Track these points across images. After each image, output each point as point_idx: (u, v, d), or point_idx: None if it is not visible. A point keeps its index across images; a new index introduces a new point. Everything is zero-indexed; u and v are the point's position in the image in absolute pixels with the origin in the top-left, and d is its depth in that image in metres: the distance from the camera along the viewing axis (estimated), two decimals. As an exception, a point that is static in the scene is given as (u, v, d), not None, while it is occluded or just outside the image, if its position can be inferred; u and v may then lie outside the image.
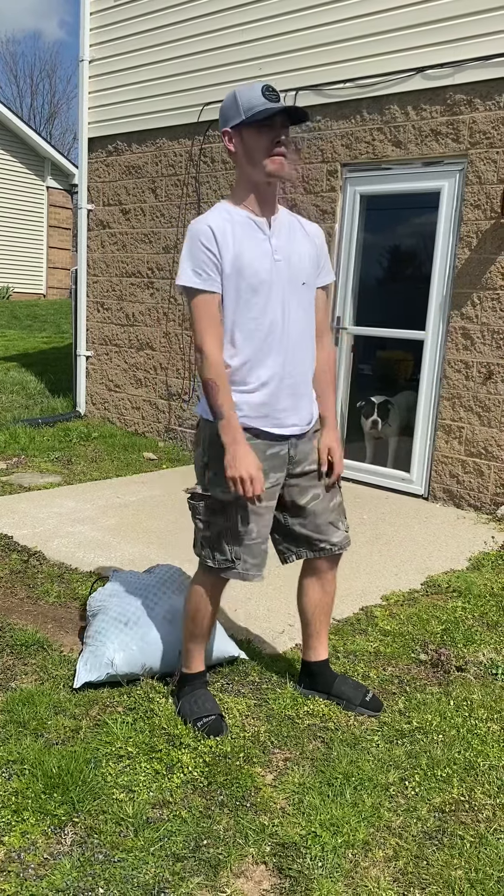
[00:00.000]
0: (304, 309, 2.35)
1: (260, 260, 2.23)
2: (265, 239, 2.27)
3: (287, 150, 2.24)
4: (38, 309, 14.60)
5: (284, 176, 2.27)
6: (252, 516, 2.30)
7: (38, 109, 35.79)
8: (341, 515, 2.50)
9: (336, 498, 2.48)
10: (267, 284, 2.24)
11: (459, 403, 4.91)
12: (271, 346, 2.27)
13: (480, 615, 3.29)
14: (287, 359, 2.31)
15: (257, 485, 2.19)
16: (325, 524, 2.44)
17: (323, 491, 2.43)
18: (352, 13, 5.12)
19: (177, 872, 1.83)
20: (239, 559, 2.32)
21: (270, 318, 2.26)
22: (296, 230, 2.36)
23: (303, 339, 2.35)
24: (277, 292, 2.26)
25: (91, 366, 7.40)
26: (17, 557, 3.73)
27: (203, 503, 2.32)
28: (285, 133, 2.22)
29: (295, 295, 2.31)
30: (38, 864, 1.84)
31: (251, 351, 2.26)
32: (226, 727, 2.39)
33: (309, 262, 2.35)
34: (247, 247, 2.22)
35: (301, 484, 2.41)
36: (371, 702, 2.54)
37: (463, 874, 1.86)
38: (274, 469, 2.33)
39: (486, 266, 4.72)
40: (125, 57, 6.62)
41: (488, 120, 4.64)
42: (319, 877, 1.83)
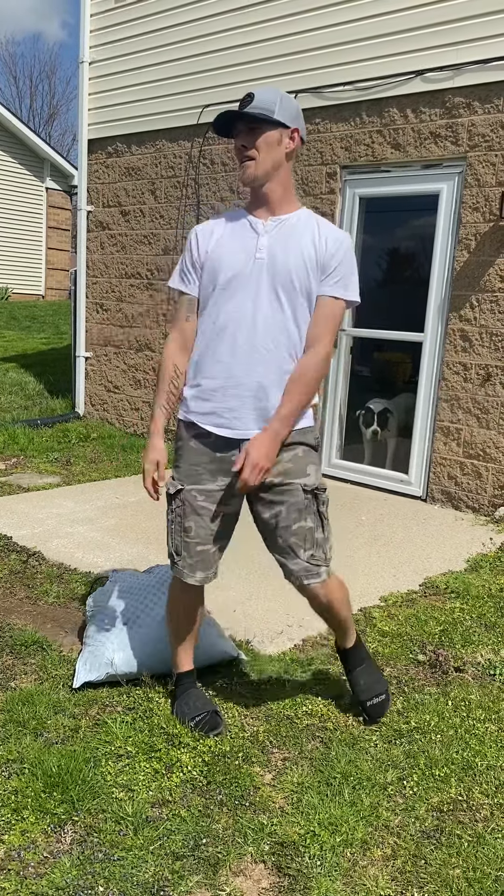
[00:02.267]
0: (280, 310, 2.20)
1: (235, 255, 2.23)
2: (254, 237, 2.24)
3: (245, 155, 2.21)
4: (36, 310, 14.61)
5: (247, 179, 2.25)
6: (193, 515, 2.30)
7: (37, 110, 35.85)
8: (307, 542, 2.26)
9: (303, 522, 2.25)
10: (237, 280, 2.21)
11: (458, 405, 4.92)
12: (227, 344, 2.22)
13: (478, 616, 3.30)
14: (246, 358, 2.21)
15: (146, 477, 2.30)
16: (285, 546, 2.28)
17: (286, 509, 2.25)
18: (351, 16, 5.13)
19: (176, 871, 1.84)
20: (179, 555, 2.34)
21: (234, 315, 2.21)
22: (302, 232, 2.24)
23: (272, 341, 2.20)
24: (250, 290, 2.21)
25: (90, 367, 7.41)
26: (17, 558, 3.74)
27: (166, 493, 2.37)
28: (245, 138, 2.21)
29: (272, 294, 2.20)
30: (37, 863, 1.85)
31: (205, 346, 2.27)
32: (223, 722, 2.41)
33: (300, 264, 2.20)
34: (228, 244, 2.25)
35: (266, 497, 2.27)
36: (373, 708, 2.46)
37: (461, 873, 1.87)
38: (223, 473, 2.27)
39: (484, 268, 4.73)
40: (125, 59, 6.64)
41: (487, 123, 4.66)
42: (318, 875, 1.84)
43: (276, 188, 2.26)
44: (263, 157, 2.21)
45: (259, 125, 2.20)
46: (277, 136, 2.22)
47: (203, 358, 2.27)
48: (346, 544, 4.17)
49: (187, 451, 2.32)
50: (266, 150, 2.21)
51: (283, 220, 2.27)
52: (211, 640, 2.72)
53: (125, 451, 6.31)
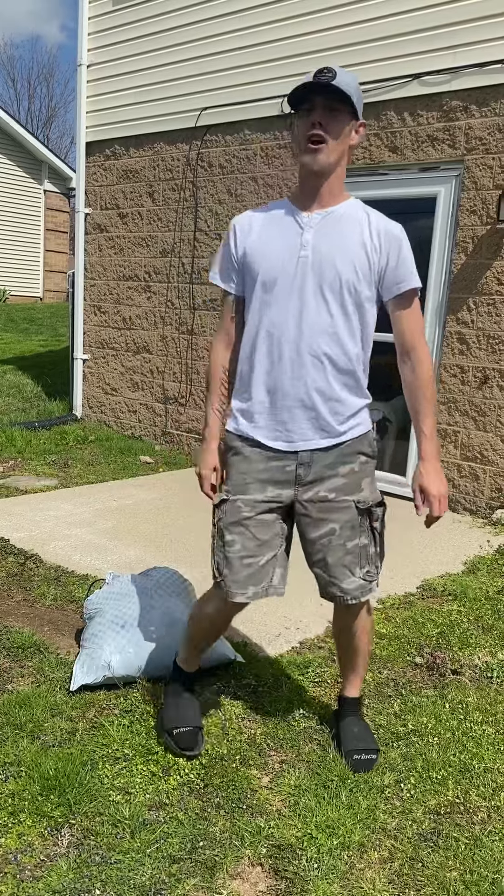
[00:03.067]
0: (328, 313, 2.04)
1: (277, 254, 2.04)
2: (298, 233, 2.04)
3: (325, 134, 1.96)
4: (34, 312, 14.60)
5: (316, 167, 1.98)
6: (237, 527, 2.13)
7: (35, 113, 35.88)
8: (362, 560, 2.17)
9: (359, 539, 2.14)
10: (281, 282, 2.03)
11: (455, 408, 4.93)
12: (272, 353, 2.07)
13: (476, 618, 3.30)
14: (292, 368, 2.06)
15: (205, 483, 2.20)
16: (338, 566, 2.15)
17: (340, 528, 2.13)
18: (348, 20, 5.14)
19: (173, 874, 1.84)
20: (220, 573, 2.16)
21: (277, 321, 2.05)
22: (352, 226, 2.05)
23: (319, 348, 2.05)
24: (294, 292, 2.03)
25: (88, 369, 7.41)
26: (14, 560, 3.74)
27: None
28: (327, 116, 1.94)
29: (318, 296, 2.03)
30: (34, 866, 1.85)
31: (250, 354, 2.11)
32: (202, 742, 2.27)
33: (347, 261, 2.02)
34: (269, 241, 2.06)
35: (313, 514, 2.13)
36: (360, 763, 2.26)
37: (458, 876, 1.87)
38: (275, 484, 2.12)
39: (482, 271, 4.74)
40: (123, 61, 6.64)
41: (484, 126, 4.67)
42: (315, 878, 1.84)
43: (334, 182, 2.06)
44: (334, 144, 1.98)
45: (340, 107, 1.96)
46: (350, 125, 2.00)
47: (248, 368, 2.13)
48: (343, 547, 4.17)
49: (237, 461, 2.15)
50: (339, 136, 1.98)
51: (329, 212, 2.06)
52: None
53: (123, 453, 6.31)
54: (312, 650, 2.98)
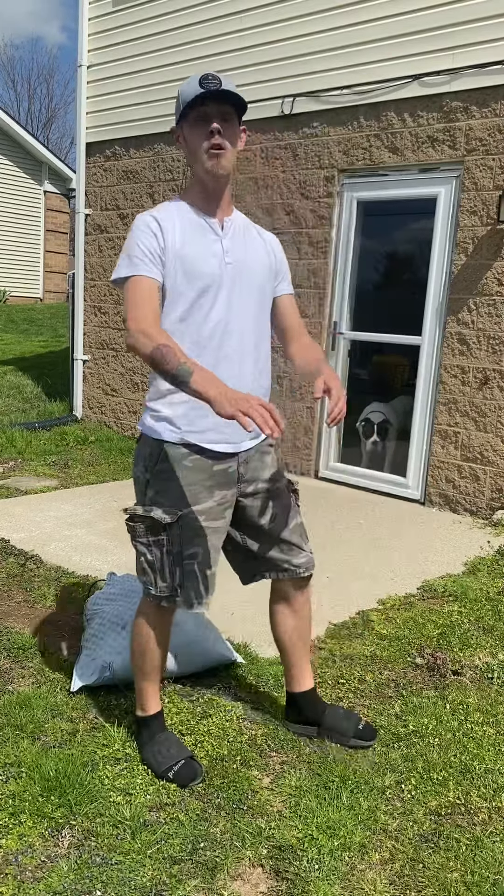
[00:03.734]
0: (256, 317, 2.17)
1: (208, 260, 2.07)
2: (216, 240, 2.10)
3: (223, 142, 2.01)
4: (34, 313, 14.60)
5: (219, 173, 2.05)
6: (196, 538, 2.13)
7: (35, 114, 35.89)
8: (303, 537, 2.33)
9: (296, 518, 2.32)
10: (215, 287, 2.07)
11: (455, 408, 4.93)
12: (218, 354, 2.09)
13: (476, 619, 3.30)
14: (236, 369, 2.12)
15: (272, 409, 1.77)
16: (287, 545, 2.29)
17: (280, 511, 2.26)
18: (349, 20, 5.15)
19: (174, 875, 1.84)
20: (182, 587, 2.13)
21: (218, 324, 2.08)
22: (252, 236, 2.21)
23: (255, 348, 2.17)
24: (226, 297, 2.09)
25: (88, 370, 7.41)
26: (14, 561, 3.74)
27: (143, 525, 2.13)
28: (221, 123, 2.00)
29: (248, 301, 2.14)
30: (35, 867, 1.85)
31: (197, 358, 2.06)
32: (200, 768, 2.20)
33: (264, 270, 2.19)
34: (194, 246, 2.06)
35: (256, 504, 2.24)
36: (364, 731, 2.39)
37: (459, 877, 1.87)
38: (220, 486, 2.15)
39: (482, 272, 4.74)
40: (123, 62, 6.65)
41: (484, 127, 4.67)
42: (316, 879, 1.84)
43: (229, 187, 2.14)
44: (231, 150, 2.05)
45: (232, 112, 2.03)
46: (239, 131, 2.09)
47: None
48: (343, 547, 4.17)
49: (181, 472, 2.11)
50: (234, 142, 2.06)
51: (232, 220, 2.17)
52: (209, 644, 2.72)
53: (123, 454, 6.31)
54: (312, 651, 2.98)
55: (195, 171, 2.10)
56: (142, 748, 2.27)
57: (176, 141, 2.13)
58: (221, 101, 2.01)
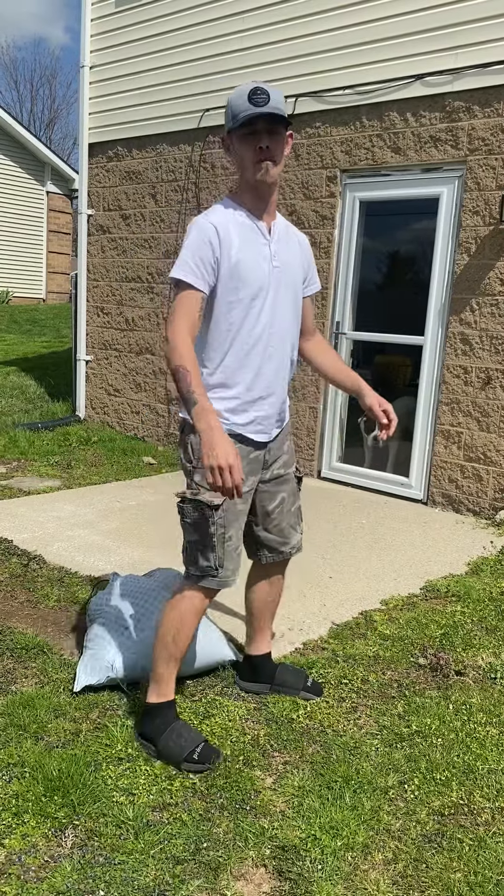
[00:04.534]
0: (294, 317, 2.37)
1: (260, 265, 2.23)
2: (265, 244, 2.26)
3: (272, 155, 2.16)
4: (37, 313, 14.62)
5: (268, 182, 2.19)
6: (235, 521, 2.29)
7: (38, 115, 35.93)
8: (300, 519, 2.56)
9: (297, 502, 2.54)
10: (265, 291, 2.24)
11: (458, 408, 4.93)
12: (264, 356, 2.28)
13: (479, 620, 3.30)
14: (278, 368, 2.33)
15: (236, 474, 1.99)
16: (288, 528, 2.51)
17: (288, 496, 2.48)
18: (351, 20, 5.15)
19: (177, 875, 1.84)
20: (221, 566, 2.26)
21: (266, 325, 2.26)
22: (291, 237, 2.37)
23: (290, 348, 2.38)
24: (272, 299, 2.27)
25: (91, 370, 7.42)
26: (17, 561, 3.74)
27: (191, 506, 2.25)
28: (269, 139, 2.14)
29: (288, 303, 2.33)
30: (38, 867, 1.85)
31: (241, 356, 2.25)
32: (216, 749, 2.27)
33: (300, 272, 2.38)
34: (247, 250, 2.20)
35: (270, 490, 2.44)
36: (312, 687, 2.64)
37: (462, 877, 1.87)
38: (252, 473, 2.35)
39: (484, 272, 4.74)
40: (125, 63, 6.65)
41: (487, 127, 4.66)
42: (319, 879, 1.84)
43: (275, 194, 2.30)
44: (279, 160, 2.20)
45: (280, 127, 2.16)
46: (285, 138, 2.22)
47: (239, 368, 2.25)
48: (347, 547, 4.17)
49: None
50: (281, 153, 2.20)
51: (276, 224, 2.32)
52: (212, 644, 2.72)
53: (126, 454, 6.31)
54: (315, 651, 2.98)
55: (245, 179, 2.23)
56: (158, 736, 2.27)
57: (225, 149, 2.26)
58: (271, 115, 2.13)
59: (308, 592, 3.52)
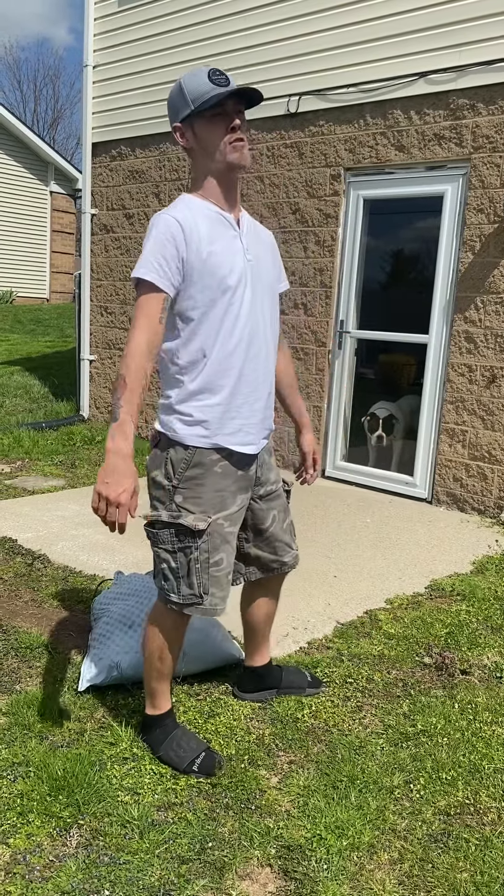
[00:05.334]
0: (273, 315, 2.22)
1: (233, 258, 2.05)
2: (236, 236, 2.09)
3: (245, 136, 2.05)
4: (41, 313, 14.63)
5: (245, 164, 2.05)
6: (222, 544, 2.12)
7: (41, 114, 35.94)
8: (293, 535, 2.44)
9: (288, 518, 2.42)
10: (241, 286, 2.06)
11: (463, 407, 4.91)
12: (247, 356, 2.10)
13: (485, 619, 3.29)
14: (262, 369, 2.16)
15: (123, 514, 1.83)
16: (281, 545, 2.38)
17: (278, 511, 2.35)
18: (354, 18, 5.13)
19: (182, 875, 1.83)
20: (207, 593, 2.11)
21: (245, 324, 2.08)
22: (259, 231, 2.22)
23: (274, 349, 2.23)
24: (250, 295, 2.09)
25: (94, 370, 7.42)
26: (22, 561, 3.74)
27: (168, 531, 2.09)
28: (240, 118, 2.03)
29: (266, 299, 2.17)
30: (43, 866, 1.85)
31: (223, 359, 2.06)
32: (220, 756, 2.23)
33: (272, 267, 2.22)
34: (219, 243, 2.03)
35: (263, 507, 2.31)
36: (313, 681, 2.66)
37: (468, 877, 1.86)
38: (242, 490, 2.18)
39: (489, 270, 4.73)
40: (128, 62, 6.65)
41: (491, 124, 4.65)
42: (325, 879, 1.83)
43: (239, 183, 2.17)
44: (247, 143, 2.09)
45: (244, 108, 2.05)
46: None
47: (220, 372, 2.07)
48: (351, 546, 4.16)
49: (211, 478, 2.09)
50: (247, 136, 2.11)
51: (244, 217, 2.17)
52: (216, 643, 2.72)
53: (130, 453, 6.30)
54: (321, 650, 2.97)
55: (209, 169, 2.06)
56: (157, 746, 2.25)
57: (180, 137, 2.07)
58: (239, 97, 2.02)
59: (313, 592, 3.51)
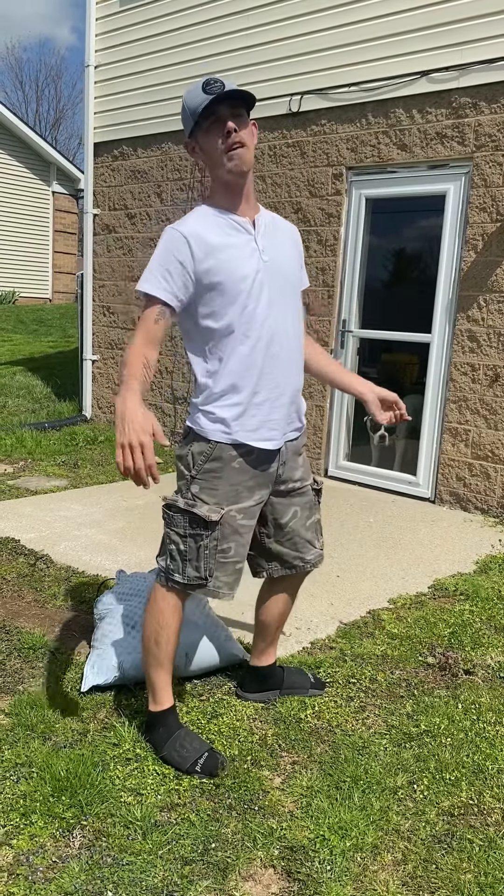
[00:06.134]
0: (296, 314, 2.24)
1: (247, 261, 2.09)
2: (250, 239, 2.12)
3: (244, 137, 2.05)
4: (43, 313, 14.64)
5: (243, 170, 2.07)
6: (233, 535, 2.19)
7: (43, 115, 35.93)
8: (318, 533, 2.44)
9: (315, 515, 2.42)
10: (258, 287, 2.10)
11: (466, 406, 4.90)
12: (266, 355, 2.14)
13: (488, 618, 3.28)
14: (285, 367, 2.19)
15: (148, 453, 1.84)
16: (303, 542, 2.38)
17: (301, 509, 2.36)
18: (356, 17, 5.13)
19: (185, 876, 1.83)
20: (212, 576, 2.19)
21: (263, 324, 2.12)
22: (278, 229, 2.23)
23: (298, 346, 2.25)
24: (267, 296, 2.13)
25: (97, 370, 7.42)
26: (24, 561, 3.74)
27: (183, 517, 2.18)
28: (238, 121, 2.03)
29: (287, 298, 2.19)
30: (46, 867, 1.84)
31: (243, 360, 2.12)
32: (222, 757, 2.22)
33: (294, 265, 2.24)
34: (230, 249, 2.07)
35: (283, 502, 2.33)
36: (317, 682, 2.65)
37: (472, 878, 1.86)
38: (260, 486, 2.23)
39: (491, 269, 4.72)
40: (130, 62, 6.65)
41: (494, 123, 4.64)
42: (328, 880, 1.83)
43: (252, 182, 2.16)
44: (250, 145, 2.07)
45: (242, 110, 2.06)
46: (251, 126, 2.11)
47: (242, 371, 2.13)
48: (354, 546, 4.16)
49: (228, 472, 2.17)
50: (249, 138, 2.07)
51: (261, 216, 2.18)
52: (219, 643, 2.71)
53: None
54: (323, 650, 2.97)
55: (217, 176, 2.12)
56: (160, 746, 2.24)
57: (191, 153, 2.14)
58: (231, 100, 2.04)
59: (316, 592, 3.50)
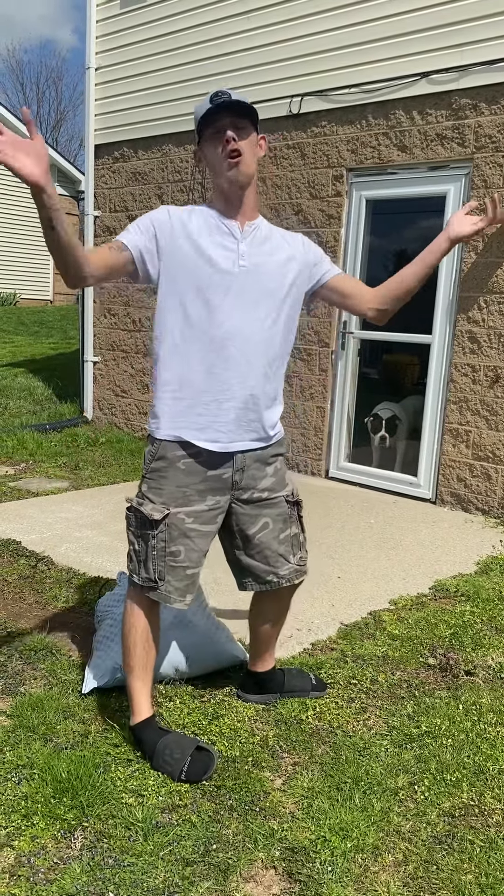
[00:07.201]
0: (268, 321, 2.18)
1: (220, 258, 2.11)
2: (234, 242, 2.14)
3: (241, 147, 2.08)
4: (45, 315, 14.65)
5: (240, 180, 2.10)
6: (182, 538, 2.19)
7: (44, 116, 35.98)
8: (295, 548, 2.37)
9: (291, 529, 2.35)
10: (224, 286, 2.11)
11: (466, 407, 4.91)
12: (221, 355, 2.13)
13: (489, 619, 3.28)
14: (239, 370, 2.15)
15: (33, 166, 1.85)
16: (275, 556, 2.33)
17: (272, 521, 2.31)
18: (356, 19, 5.13)
19: (186, 877, 1.83)
20: (162, 580, 2.20)
21: (225, 324, 2.12)
22: (269, 239, 2.22)
23: (263, 354, 2.18)
24: (235, 298, 2.12)
25: (98, 371, 7.43)
26: (26, 563, 3.75)
27: (135, 516, 2.22)
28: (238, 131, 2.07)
29: (260, 305, 2.16)
30: (47, 869, 1.85)
31: (195, 356, 2.13)
32: (209, 755, 2.19)
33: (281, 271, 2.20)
34: (207, 241, 2.11)
35: (250, 512, 2.28)
36: (318, 684, 2.64)
37: (473, 879, 1.86)
38: (213, 491, 2.21)
39: (492, 270, 4.72)
40: (131, 64, 6.66)
41: (494, 124, 4.64)
42: (329, 881, 1.83)
43: (252, 194, 2.18)
44: (249, 157, 2.10)
45: (245, 122, 2.09)
46: (256, 139, 2.14)
47: (193, 369, 2.14)
48: (355, 547, 4.16)
49: (173, 472, 2.18)
50: (250, 150, 2.11)
51: (255, 225, 2.20)
52: (220, 644, 2.72)
53: (133, 455, 6.31)
54: (325, 651, 2.97)
55: (217, 185, 2.16)
56: (150, 761, 2.22)
57: (198, 162, 2.20)
58: (232, 111, 2.07)
59: (316, 593, 3.51)
